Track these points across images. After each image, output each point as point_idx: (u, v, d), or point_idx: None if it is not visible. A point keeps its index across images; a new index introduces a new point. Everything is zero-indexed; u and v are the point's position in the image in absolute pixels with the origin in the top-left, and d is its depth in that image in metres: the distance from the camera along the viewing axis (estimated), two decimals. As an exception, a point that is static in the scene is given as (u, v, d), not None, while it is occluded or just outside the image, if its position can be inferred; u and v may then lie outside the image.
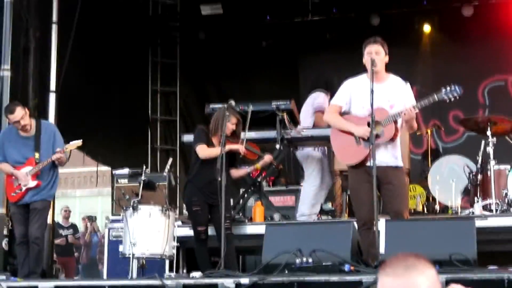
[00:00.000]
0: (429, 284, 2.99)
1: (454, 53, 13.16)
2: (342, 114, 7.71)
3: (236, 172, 8.86)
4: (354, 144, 7.60)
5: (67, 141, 8.82)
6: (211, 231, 8.65)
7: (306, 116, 10.33)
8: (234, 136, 8.67)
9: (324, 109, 9.93)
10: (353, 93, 7.70)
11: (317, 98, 10.29)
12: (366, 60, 7.55)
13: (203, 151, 8.54)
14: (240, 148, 8.60)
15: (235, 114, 8.68)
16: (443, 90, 7.42)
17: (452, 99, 7.42)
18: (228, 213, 8.58)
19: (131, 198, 8.72)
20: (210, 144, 8.56)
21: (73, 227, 16.81)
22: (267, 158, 8.97)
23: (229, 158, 8.56)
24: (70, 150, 8.80)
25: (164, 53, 14.39)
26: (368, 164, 7.44)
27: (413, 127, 7.71)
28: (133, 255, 8.39)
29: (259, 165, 8.89)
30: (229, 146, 8.47)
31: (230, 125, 8.57)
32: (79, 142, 8.75)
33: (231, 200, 9.34)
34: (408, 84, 7.66)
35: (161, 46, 14.38)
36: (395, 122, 7.46)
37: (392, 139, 7.48)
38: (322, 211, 9.93)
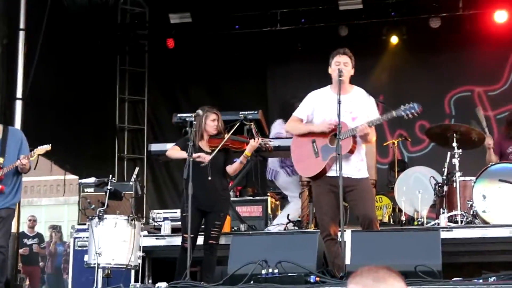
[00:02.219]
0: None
1: (421, 64, 13.25)
2: None
3: (231, 169, 8.75)
4: (313, 156, 7.63)
5: (34, 148, 8.74)
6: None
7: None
8: (219, 134, 8.63)
9: (281, 135, 10.02)
10: (316, 105, 7.74)
11: (274, 128, 10.36)
12: (333, 70, 7.60)
13: (169, 150, 8.59)
14: (204, 158, 8.49)
15: (212, 110, 8.63)
16: (402, 107, 7.46)
17: (411, 116, 7.46)
18: (219, 221, 8.54)
19: (97, 208, 8.66)
20: (196, 149, 8.44)
21: (39, 236, 16.68)
22: (253, 142, 8.84)
23: (222, 158, 8.56)
24: (38, 157, 8.72)
25: (132, 61, 14.34)
26: (328, 174, 7.48)
27: (369, 141, 7.72)
28: (98, 264, 8.33)
29: (248, 151, 8.80)
30: (196, 154, 8.41)
31: (211, 122, 8.53)
32: (47, 147, 8.67)
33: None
34: (371, 98, 7.67)
35: (130, 54, 14.34)
36: (354, 136, 7.48)
37: (350, 152, 7.48)
38: (289, 222, 9.92)
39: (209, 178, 8.34)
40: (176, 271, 8.34)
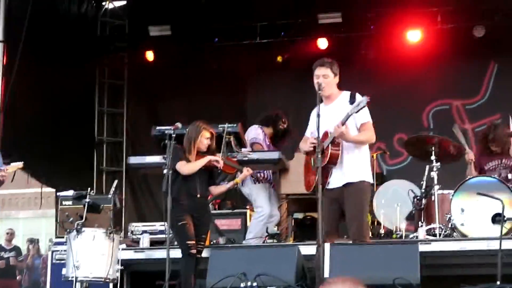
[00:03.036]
0: None
1: (400, 77, 13.28)
2: None
3: (216, 189, 8.75)
4: (311, 171, 7.67)
5: (12, 161, 8.69)
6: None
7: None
8: (209, 151, 8.61)
9: (258, 140, 10.00)
10: (311, 121, 7.76)
11: (249, 133, 10.33)
12: (315, 83, 7.60)
13: (183, 167, 8.37)
14: (219, 159, 8.51)
15: (209, 128, 8.61)
16: (355, 104, 7.41)
17: (362, 107, 7.37)
18: (205, 235, 8.52)
19: (75, 221, 8.63)
20: (188, 161, 8.44)
21: (16, 249, 16.58)
22: (246, 171, 8.86)
23: (208, 175, 8.53)
24: (14, 172, 8.68)
25: (112, 73, 14.31)
26: (327, 187, 7.51)
27: (363, 141, 7.69)
28: (76, 278, 8.29)
29: (238, 179, 8.80)
30: (208, 157, 8.41)
31: (204, 140, 8.51)
32: (19, 164, 8.61)
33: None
34: (358, 98, 7.58)
35: (109, 67, 14.30)
36: (336, 144, 7.47)
37: (331, 162, 7.48)
38: (268, 235, 9.91)
39: (198, 195, 8.36)
40: (182, 280, 8.21)
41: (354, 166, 7.57)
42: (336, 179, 7.51)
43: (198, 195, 8.39)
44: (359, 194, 7.55)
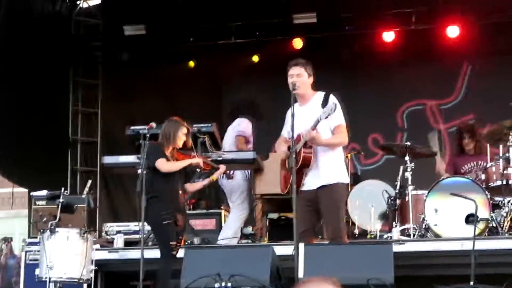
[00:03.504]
0: None
1: (374, 77, 13.34)
2: None
3: (192, 187, 8.74)
4: (286, 171, 7.67)
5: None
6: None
7: (229, 140, 10.37)
8: (184, 148, 8.59)
9: (246, 134, 10.01)
10: (287, 121, 7.76)
11: (240, 124, 10.34)
12: (289, 83, 7.59)
13: (163, 165, 8.27)
14: (200, 163, 8.50)
15: (185, 124, 8.58)
16: (324, 109, 7.42)
17: (332, 113, 7.39)
18: (182, 236, 8.51)
19: (49, 221, 8.58)
20: (167, 158, 8.39)
21: (-12, 250, 16.49)
22: (222, 168, 8.86)
23: (183, 172, 8.52)
24: None
25: (86, 73, 14.22)
26: (302, 189, 7.51)
27: (336, 143, 7.69)
28: (50, 278, 8.25)
29: (215, 176, 8.80)
30: (189, 160, 8.40)
31: (182, 135, 8.48)
32: None
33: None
34: (332, 100, 7.59)
35: (83, 66, 14.22)
36: (309, 147, 7.48)
37: (305, 164, 7.48)
38: (242, 235, 9.91)
39: (180, 192, 8.35)
40: (162, 283, 8.17)
41: (329, 168, 7.57)
42: (311, 181, 7.51)
43: (180, 192, 8.39)
44: (335, 195, 7.56)
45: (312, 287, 3.10)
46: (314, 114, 7.49)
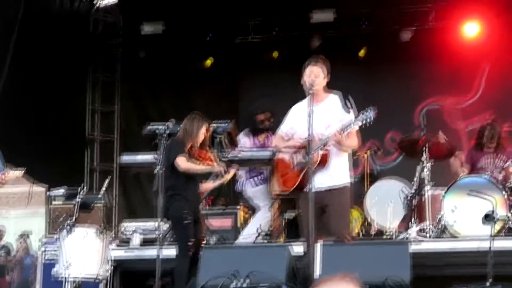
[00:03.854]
0: None
1: (392, 76, 13.30)
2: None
3: (205, 185, 8.73)
4: (291, 170, 7.64)
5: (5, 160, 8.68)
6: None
7: None
8: (203, 145, 8.60)
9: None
10: (295, 118, 7.74)
11: (240, 141, 10.35)
12: (305, 81, 7.56)
13: (183, 163, 8.27)
14: (222, 170, 8.51)
15: (206, 120, 8.58)
16: (360, 115, 7.41)
17: (369, 122, 7.41)
18: (204, 233, 8.53)
19: (66, 219, 8.61)
20: (187, 156, 8.38)
21: (5, 247, 16.50)
22: (232, 172, 8.88)
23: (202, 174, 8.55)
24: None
25: (104, 71, 14.26)
26: (305, 189, 7.49)
27: (348, 147, 7.68)
28: (67, 276, 8.28)
29: (228, 176, 8.82)
30: (210, 168, 8.45)
31: (202, 133, 8.49)
32: (20, 173, 8.62)
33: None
34: (350, 103, 7.57)
35: (101, 64, 14.25)
36: (326, 148, 7.45)
37: (321, 164, 7.46)
38: (259, 234, 9.90)
39: (198, 191, 8.37)
40: (177, 279, 8.15)
41: (339, 170, 7.57)
42: (321, 181, 7.43)
43: (198, 196, 8.42)
44: (345, 199, 7.55)
45: (331, 286, 3.09)
46: (328, 115, 7.51)
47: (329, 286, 3.09)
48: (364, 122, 7.36)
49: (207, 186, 8.83)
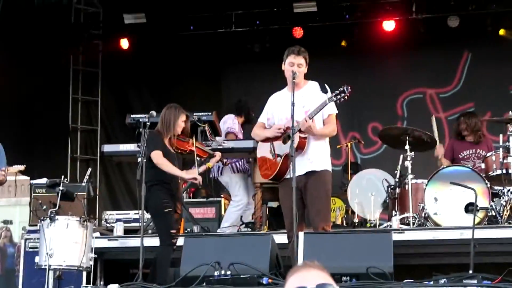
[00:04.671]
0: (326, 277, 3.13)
1: (374, 66, 13.34)
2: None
3: (188, 174, 8.73)
4: (271, 158, 7.67)
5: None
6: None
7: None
8: (183, 134, 8.59)
9: (235, 130, 10.03)
10: (275, 107, 7.79)
11: (226, 121, 10.37)
12: (287, 70, 7.60)
13: (158, 159, 8.23)
14: (198, 179, 8.50)
15: (184, 111, 8.57)
16: (333, 93, 7.42)
17: (342, 100, 7.41)
18: (179, 224, 8.54)
19: (48, 209, 8.58)
20: (165, 148, 8.36)
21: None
22: (218, 155, 8.87)
23: (181, 162, 8.52)
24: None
25: (86, 61, 14.23)
26: (287, 176, 7.51)
27: (324, 134, 7.68)
28: (49, 266, 8.25)
29: (211, 163, 8.81)
30: (185, 175, 8.43)
31: (181, 123, 8.48)
32: (21, 167, 8.61)
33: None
34: (327, 90, 7.58)
35: (83, 54, 14.21)
36: (304, 133, 7.47)
37: (299, 149, 7.45)
38: (242, 223, 9.92)
39: (180, 181, 8.37)
40: (159, 271, 8.12)
41: (318, 155, 7.56)
42: (300, 167, 7.43)
43: (180, 181, 8.42)
44: (324, 183, 7.55)
45: (301, 275, 3.14)
46: (307, 101, 7.53)
47: (299, 276, 3.13)
48: (337, 98, 7.36)
49: (192, 174, 8.79)
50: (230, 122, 10.33)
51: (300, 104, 7.49)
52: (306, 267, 3.16)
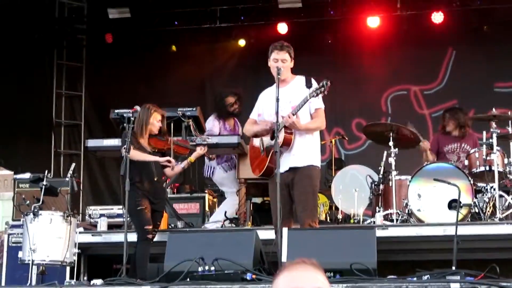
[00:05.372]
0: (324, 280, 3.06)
1: (359, 63, 13.36)
2: None
3: (172, 172, 8.70)
4: (260, 154, 7.68)
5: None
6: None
7: None
8: (161, 134, 8.58)
9: (214, 132, 10.04)
10: (263, 103, 7.81)
11: (207, 124, 10.33)
12: (272, 66, 7.61)
13: (135, 154, 8.22)
14: (171, 161, 8.48)
15: (159, 110, 8.55)
16: (314, 88, 7.43)
17: (325, 92, 7.41)
18: (160, 221, 8.51)
19: (32, 203, 8.54)
20: (139, 146, 8.37)
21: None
22: (200, 150, 8.85)
23: (161, 157, 8.51)
24: None
25: (70, 56, 14.19)
26: (274, 173, 7.51)
27: (310, 129, 7.67)
28: (32, 261, 8.22)
29: (192, 158, 8.79)
30: (156, 158, 8.40)
31: (156, 122, 8.46)
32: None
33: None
34: (314, 85, 7.58)
35: (67, 49, 14.18)
36: (289, 128, 7.48)
37: (286, 145, 7.47)
38: (226, 219, 9.92)
39: (155, 178, 8.34)
40: (138, 266, 8.13)
41: (303, 151, 7.56)
42: (285, 163, 7.46)
43: (156, 179, 8.38)
44: (310, 178, 7.55)
45: (294, 271, 3.10)
46: (294, 96, 7.53)
47: (292, 272, 3.10)
48: (317, 93, 7.36)
49: (176, 170, 8.78)
50: (210, 125, 10.32)
51: (287, 99, 7.49)
52: (302, 266, 3.10)
